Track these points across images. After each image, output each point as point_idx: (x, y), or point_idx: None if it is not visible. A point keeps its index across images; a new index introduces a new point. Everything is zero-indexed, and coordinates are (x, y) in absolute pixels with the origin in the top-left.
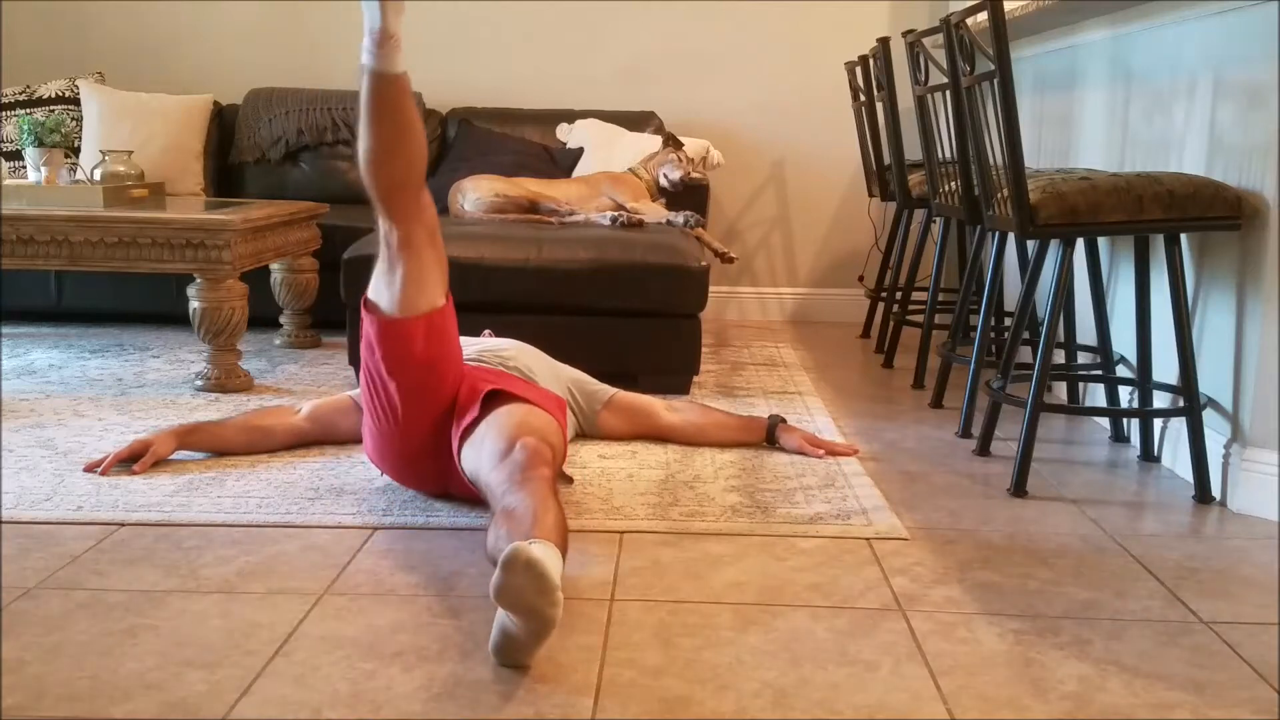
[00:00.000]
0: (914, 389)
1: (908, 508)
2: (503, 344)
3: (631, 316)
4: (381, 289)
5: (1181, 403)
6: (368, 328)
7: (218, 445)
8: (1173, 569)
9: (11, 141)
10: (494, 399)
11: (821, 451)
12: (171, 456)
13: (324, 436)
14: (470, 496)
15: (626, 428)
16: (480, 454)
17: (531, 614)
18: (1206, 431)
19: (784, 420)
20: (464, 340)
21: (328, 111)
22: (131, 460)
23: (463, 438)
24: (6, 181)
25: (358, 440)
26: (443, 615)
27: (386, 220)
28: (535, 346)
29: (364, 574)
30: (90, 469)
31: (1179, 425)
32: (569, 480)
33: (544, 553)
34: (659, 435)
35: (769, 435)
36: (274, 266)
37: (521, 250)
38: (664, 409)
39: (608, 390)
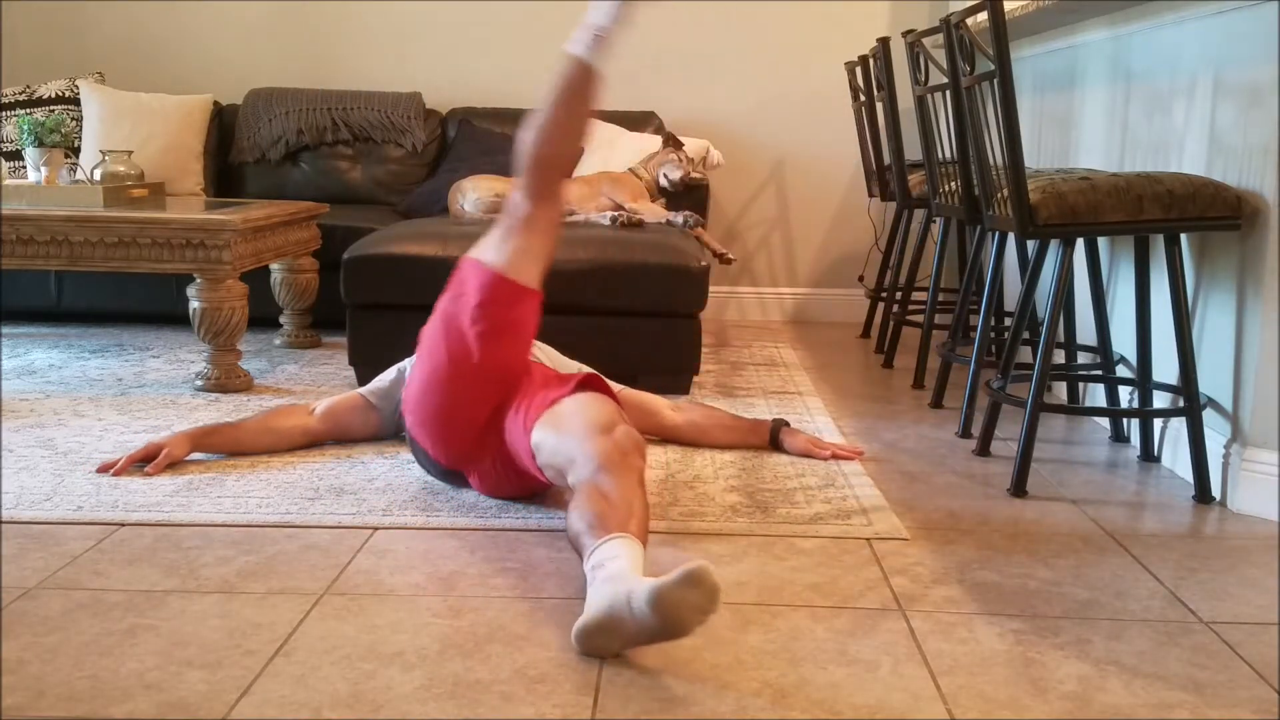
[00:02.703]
0: (914, 389)
1: (908, 508)
2: None
3: (631, 316)
4: (488, 252)
5: (1181, 403)
6: (469, 274)
7: (234, 446)
8: (1173, 569)
9: (11, 141)
10: (587, 386)
11: (827, 453)
12: (187, 458)
13: (336, 435)
14: (482, 487)
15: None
16: (568, 425)
17: (677, 624)
18: (1206, 431)
19: (787, 424)
20: None
21: (328, 111)
22: (145, 462)
23: (539, 411)
24: (6, 181)
25: (369, 439)
26: (443, 615)
27: (524, 194)
28: None
29: (364, 574)
30: (104, 470)
31: (1179, 425)
32: None
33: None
34: (662, 434)
35: (772, 438)
36: (274, 266)
37: None
38: (668, 408)
39: (612, 387)
